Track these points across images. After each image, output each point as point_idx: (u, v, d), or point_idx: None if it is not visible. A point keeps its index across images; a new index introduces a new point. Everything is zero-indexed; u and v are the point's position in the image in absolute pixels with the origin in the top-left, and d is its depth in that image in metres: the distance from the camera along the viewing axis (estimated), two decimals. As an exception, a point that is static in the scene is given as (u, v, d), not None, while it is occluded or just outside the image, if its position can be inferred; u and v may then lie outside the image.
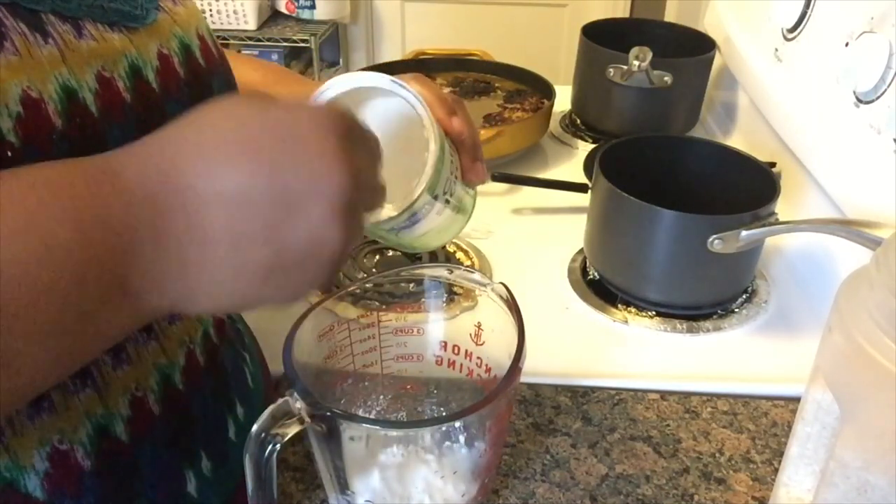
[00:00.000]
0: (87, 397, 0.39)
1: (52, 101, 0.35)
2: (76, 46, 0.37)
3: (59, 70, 0.35)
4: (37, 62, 0.34)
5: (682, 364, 0.69)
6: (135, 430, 0.41)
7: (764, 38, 0.98)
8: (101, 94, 0.37)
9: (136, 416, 0.41)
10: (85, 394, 0.39)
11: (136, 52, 0.41)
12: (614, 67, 1.02)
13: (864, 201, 0.70)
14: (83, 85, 0.36)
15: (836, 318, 0.39)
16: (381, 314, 0.54)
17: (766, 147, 0.95)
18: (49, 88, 0.35)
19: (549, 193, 0.92)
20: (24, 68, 0.34)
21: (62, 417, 0.38)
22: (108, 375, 0.40)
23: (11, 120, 0.32)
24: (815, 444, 0.43)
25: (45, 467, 0.37)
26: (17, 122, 0.33)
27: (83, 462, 0.39)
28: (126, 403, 0.41)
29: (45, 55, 0.35)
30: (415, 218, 0.50)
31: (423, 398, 0.57)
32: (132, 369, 0.41)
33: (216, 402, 0.49)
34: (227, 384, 0.51)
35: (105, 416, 0.40)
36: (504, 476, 0.56)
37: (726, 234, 0.68)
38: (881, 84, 0.69)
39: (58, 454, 0.38)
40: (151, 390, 0.43)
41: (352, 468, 0.47)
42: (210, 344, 0.49)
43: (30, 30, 0.34)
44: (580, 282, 0.79)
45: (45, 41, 0.35)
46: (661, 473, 0.57)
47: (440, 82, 1.15)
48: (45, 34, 0.35)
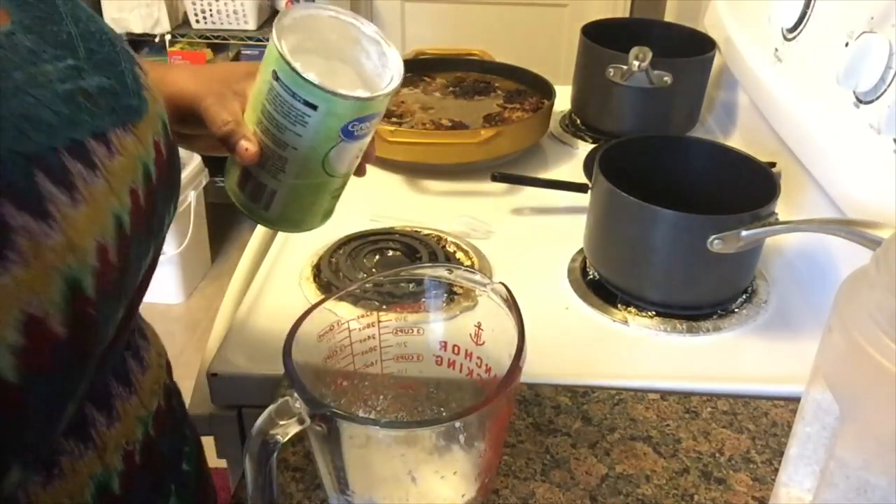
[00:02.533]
0: (90, 459, 0.40)
1: (110, 240, 0.35)
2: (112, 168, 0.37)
3: (112, 204, 0.36)
4: (97, 202, 0.35)
5: (682, 364, 0.69)
6: (125, 483, 0.42)
7: (764, 38, 0.98)
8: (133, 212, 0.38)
9: (126, 469, 0.43)
10: (88, 456, 0.40)
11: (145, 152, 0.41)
12: (614, 67, 1.02)
13: (864, 201, 0.70)
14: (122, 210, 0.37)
15: (836, 318, 0.39)
16: (381, 314, 0.54)
17: (766, 147, 0.95)
18: (109, 228, 0.36)
19: (549, 193, 0.92)
20: (92, 215, 0.35)
21: (70, 482, 0.39)
22: (105, 435, 0.41)
23: (91, 276, 0.34)
24: (815, 444, 0.43)
25: None
26: (95, 276, 0.34)
27: None
28: (119, 459, 0.42)
29: (100, 191, 0.35)
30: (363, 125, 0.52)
31: (423, 398, 0.57)
32: (122, 425, 0.42)
33: (175, 439, 0.51)
34: (181, 421, 0.53)
35: (104, 474, 0.41)
36: (504, 476, 0.56)
37: (726, 234, 0.67)
38: (881, 84, 0.69)
39: None
40: (137, 441, 0.44)
41: (352, 468, 0.47)
42: (168, 388, 0.51)
43: (84, 167, 0.35)
44: (580, 282, 0.79)
45: (95, 174, 0.36)
46: (661, 473, 0.57)
47: (440, 82, 1.16)
48: (93, 166, 0.36)
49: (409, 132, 0.99)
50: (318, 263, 0.79)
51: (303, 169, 0.54)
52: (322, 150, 0.53)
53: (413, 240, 0.83)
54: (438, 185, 0.98)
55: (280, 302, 0.76)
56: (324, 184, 0.56)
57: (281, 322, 0.48)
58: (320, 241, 0.83)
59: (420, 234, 0.84)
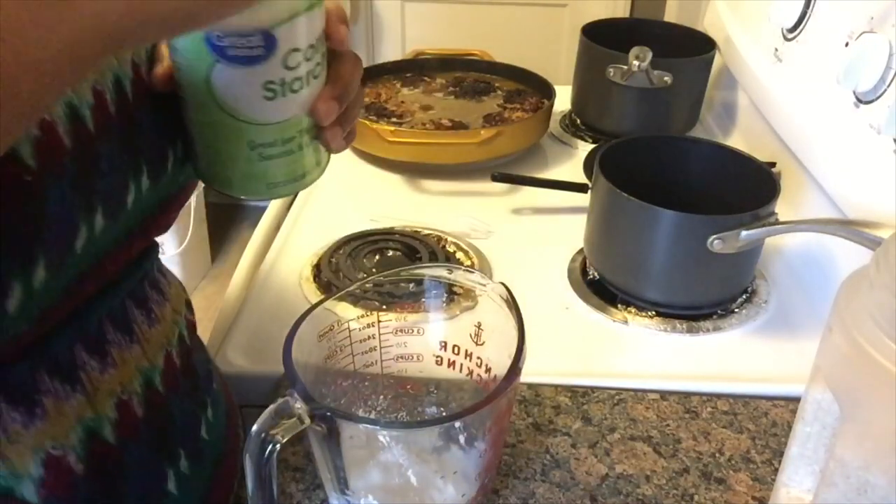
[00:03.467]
0: (78, 402, 0.40)
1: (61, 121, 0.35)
2: None
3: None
4: None
5: (682, 364, 0.69)
6: (121, 433, 0.42)
7: (764, 38, 0.98)
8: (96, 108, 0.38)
9: (122, 418, 0.42)
10: (75, 399, 0.39)
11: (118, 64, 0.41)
12: (614, 67, 1.02)
13: (864, 201, 0.70)
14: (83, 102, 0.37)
15: (836, 318, 0.39)
16: (381, 314, 0.54)
17: (766, 147, 0.95)
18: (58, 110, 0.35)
19: (549, 193, 0.92)
20: None
21: (55, 423, 0.38)
22: (96, 380, 0.41)
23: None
24: (815, 444, 0.43)
25: (41, 474, 0.38)
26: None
27: (75, 466, 0.40)
28: (112, 406, 0.42)
29: None
30: (242, 42, 0.41)
31: (423, 398, 0.57)
32: (117, 373, 0.42)
33: (191, 402, 0.50)
34: (199, 386, 0.51)
35: (94, 419, 0.40)
36: (504, 476, 0.56)
37: (726, 234, 0.68)
38: (881, 84, 0.69)
39: (52, 460, 0.38)
40: (135, 393, 0.44)
41: (352, 468, 0.47)
42: (184, 347, 0.50)
43: None
44: (580, 282, 0.79)
45: None
46: (661, 473, 0.57)
47: (440, 82, 1.16)
48: None
49: (409, 132, 0.99)
50: (318, 263, 0.79)
51: (194, 99, 0.44)
52: (198, 71, 0.43)
53: (413, 240, 0.83)
54: (438, 185, 0.98)
55: (280, 302, 0.76)
56: (227, 126, 0.44)
57: (281, 322, 0.48)
58: (320, 241, 0.83)
59: (420, 234, 0.84)
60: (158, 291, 0.48)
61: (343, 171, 1.02)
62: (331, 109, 0.44)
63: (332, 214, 0.91)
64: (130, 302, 0.45)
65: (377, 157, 1.00)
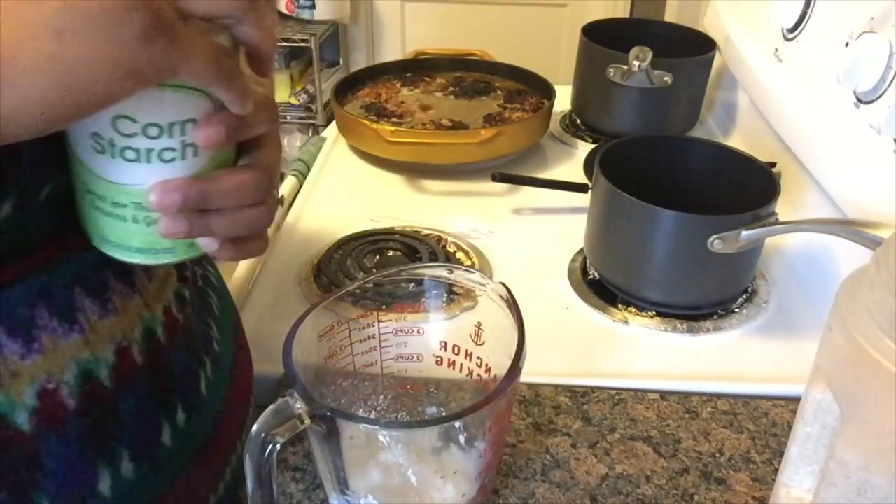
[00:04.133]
0: (74, 342, 0.41)
1: None
2: None
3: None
4: None
5: (682, 364, 0.69)
6: (118, 378, 0.43)
7: (764, 38, 0.98)
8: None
9: (120, 363, 0.43)
10: (72, 338, 0.41)
11: None
12: (614, 67, 1.02)
13: (864, 201, 0.70)
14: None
15: (836, 318, 0.39)
16: (381, 314, 0.54)
17: (766, 147, 0.95)
18: None
19: (549, 193, 0.92)
20: None
21: (50, 359, 0.40)
22: (95, 323, 0.42)
23: None
24: (815, 444, 0.43)
25: (34, 404, 0.40)
26: None
27: (67, 401, 0.41)
28: (111, 351, 0.43)
29: None
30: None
31: (423, 398, 0.57)
32: (118, 320, 0.43)
33: (190, 357, 0.50)
34: (196, 343, 0.52)
35: (90, 360, 0.42)
36: (504, 476, 0.56)
37: (726, 234, 0.68)
38: (881, 84, 0.69)
39: (46, 392, 0.40)
40: (136, 342, 0.45)
41: (352, 468, 0.47)
42: (183, 304, 0.50)
43: None
44: (580, 282, 0.79)
45: None
46: (661, 473, 0.57)
47: (440, 82, 1.16)
48: None
49: (409, 132, 0.99)
50: (318, 263, 0.79)
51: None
52: None
53: (413, 240, 0.83)
54: (438, 185, 0.98)
55: (280, 302, 0.76)
56: (70, 154, 0.40)
57: (281, 322, 0.48)
58: (320, 241, 0.83)
59: (420, 234, 0.84)
60: None
61: (343, 171, 1.02)
62: (166, 200, 0.39)
63: (332, 214, 0.91)
64: None
65: (377, 157, 1.00)
